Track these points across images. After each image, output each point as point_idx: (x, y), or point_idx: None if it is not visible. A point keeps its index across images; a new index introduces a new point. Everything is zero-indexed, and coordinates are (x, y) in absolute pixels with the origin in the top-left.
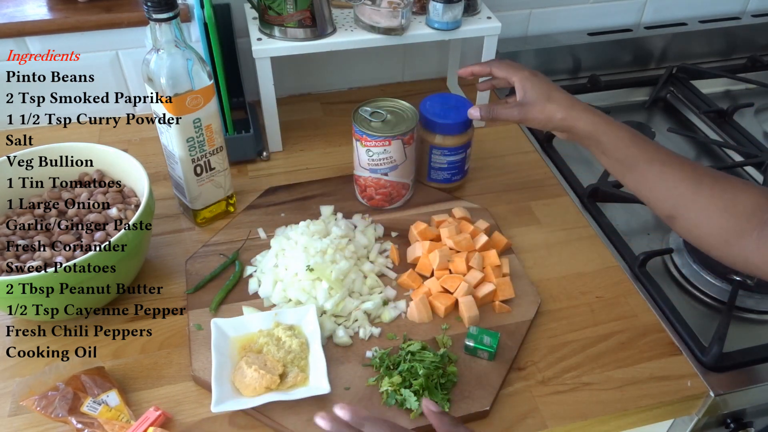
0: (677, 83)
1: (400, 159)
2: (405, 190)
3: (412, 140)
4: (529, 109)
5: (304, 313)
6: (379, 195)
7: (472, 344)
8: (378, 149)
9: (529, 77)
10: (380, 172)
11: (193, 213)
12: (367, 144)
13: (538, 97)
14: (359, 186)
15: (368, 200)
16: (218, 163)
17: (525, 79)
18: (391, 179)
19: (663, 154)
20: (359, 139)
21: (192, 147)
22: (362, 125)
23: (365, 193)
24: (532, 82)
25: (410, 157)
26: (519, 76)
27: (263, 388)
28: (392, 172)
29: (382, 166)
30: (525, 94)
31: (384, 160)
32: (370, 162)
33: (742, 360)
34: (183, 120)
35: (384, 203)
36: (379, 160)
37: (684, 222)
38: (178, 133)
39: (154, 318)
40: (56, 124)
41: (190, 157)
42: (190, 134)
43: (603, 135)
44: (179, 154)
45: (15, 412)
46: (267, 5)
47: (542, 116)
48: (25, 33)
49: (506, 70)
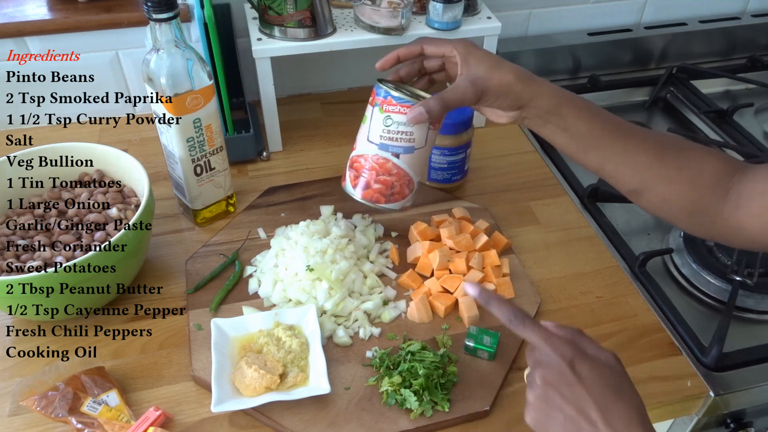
0: (677, 83)
1: (419, 141)
2: (409, 189)
3: (440, 125)
4: (482, 80)
5: (304, 313)
6: (379, 183)
7: (472, 344)
8: (400, 118)
9: (470, 47)
10: (392, 150)
11: (193, 213)
12: (388, 109)
13: (488, 66)
14: (354, 170)
15: (362, 189)
16: (218, 163)
17: (467, 49)
18: (400, 165)
19: (626, 127)
20: (381, 102)
21: (192, 147)
22: (389, 86)
23: (359, 179)
24: (476, 53)
25: (429, 147)
26: (459, 49)
27: (263, 388)
28: (406, 154)
29: (397, 142)
30: (471, 68)
31: (403, 135)
32: (384, 134)
33: (742, 360)
34: (183, 120)
35: (380, 197)
36: (396, 132)
37: (650, 196)
38: (178, 133)
39: (154, 318)
40: (56, 124)
41: (190, 157)
42: (190, 134)
43: (565, 108)
44: (179, 154)
45: (15, 412)
46: (267, 5)
47: (499, 86)
48: (25, 33)
49: (440, 45)
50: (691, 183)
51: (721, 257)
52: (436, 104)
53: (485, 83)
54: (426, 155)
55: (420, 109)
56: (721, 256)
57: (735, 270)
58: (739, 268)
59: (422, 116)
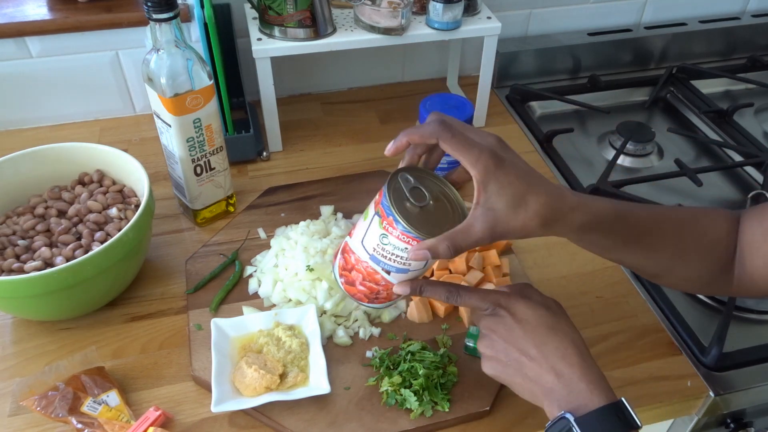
0: (677, 83)
1: (416, 266)
2: (396, 295)
3: None
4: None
5: (304, 313)
6: (364, 287)
7: (472, 344)
8: (399, 243)
9: (493, 170)
10: (383, 266)
11: (193, 213)
12: (388, 228)
13: (510, 204)
14: (344, 260)
15: (347, 284)
16: (218, 163)
17: (488, 173)
18: (390, 280)
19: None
20: (383, 216)
21: (192, 147)
22: (396, 202)
23: (348, 273)
24: (499, 179)
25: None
26: (479, 167)
27: (263, 388)
28: (397, 273)
29: (390, 262)
30: (488, 199)
31: (397, 258)
32: (378, 249)
33: (742, 360)
34: (183, 120)
35: (363, 298)
36: (392, 254)
37: (670, 278)
38: (178, 133)
39: (154, 318)
40: (56, 124)
41: (190, 157)
42: (190, 134)
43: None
44: (179, 154)
45: (15, 412)
46: (267, 5)
47: (519, 233)
48: (25, 33)
49: (461, 151)
50: (707, 257)
51: None
52: (444, 250)
53: (504, 229)
54: (421, 272)
55: (425, 253)
56: None
57: None
58: None
59: (426, 257)
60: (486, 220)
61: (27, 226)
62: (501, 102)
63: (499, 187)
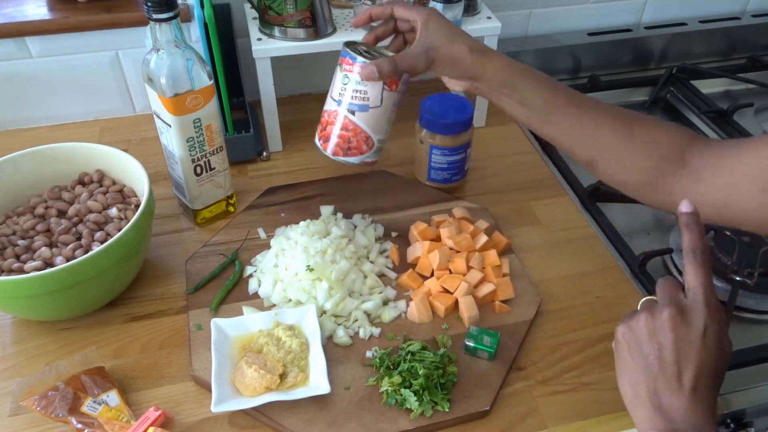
0: (677, 83)
1: (374, 101)
2: (367, 146)
3: (396, 89)
4: (434, 49)
5: (304, 313)
6: (338, 138)
7: (472, 344)
8: (356, 77)
9: (433, 13)
10: (348, 107)
11: (193, 213)
12: (346, 68)
13: (444, 35)
14: (321, 124)
15: (323, 141)
16: (218, 163)
17: (429, 16)
18: (356, 121)
19: (582, 100)
20: (341, 62)
21: (192, 147)
22: (352, 48)
23: (324, 132)
24: (437, 19)
25: (386, 108)
26: (423, 13)
27: (263, 388)
28: (360, 112)
29: (353, 100)
30: (428, 36)
31: (357, 93)
32: (342, 92)
33: (742, 360)
34: (183, 120)
35: (338, 150)
36: (352, 91)
37: (605, 166)
38: (178, 133)
39: (154, 318)
40: (56, 124)
41: (190, 157)
42: (190, 134)
43: (520, 81)
44: (179, 154)
45: (15, 412)
46: (267, 5)
47: (449, 57)
48: (25, 33)
49: (408, 11)
50: (644, 154)
51: (721, 257)
52: (387, 65)
53: (437, 53)
54: (383, 115)
55: (371, 68)
56: (721, 256)
57: (735, 270)
58: (739, 268)
59: (372, 74)
60: (423, 44)
61: (27, 226)
62: None
63: (437, 27)
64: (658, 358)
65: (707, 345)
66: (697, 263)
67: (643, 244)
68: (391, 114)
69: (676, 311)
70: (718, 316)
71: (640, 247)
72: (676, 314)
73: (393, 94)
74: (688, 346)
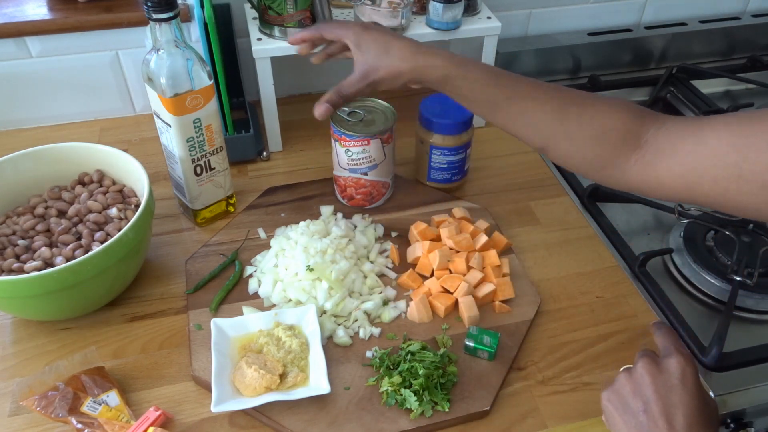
0: (677, 83)
1: (379, 158)
2: (385, 188)
3: (391, 139)
4: (372, 71)
5: (304, 313)
6: (359, 194)
7: (472, 344)
8: (357, 149)
9: (361, 33)
10: (359, 171)
11: (193, 213)
12: (346, 144)
13: (377, 53)
14: (339, 186)
15: (348, 200)
16: (218, 163)
17: (357, 36)
18: (370, 179)
19: (525, 89)
20: (338, 139)
21: (192, 147)
22: (340, 125)
23: (345, 193)
24: (366, 38)
25: (389, 156)
26: (350, 35)
27: (263, 388)
28: (372, 171)
29: (361, 166)
30: (362, 56)
31: (363, 159)
32: (349, 162)
33: (742, 360)
34: (183, 120)
35: (364, 203)
36: (358, 159)
37: (557, 153)
38: (178, 133)
39: (154, 318)
40: (56, 124)
41: (190, 157)
42: (190, 134)
43: (457, 79)
44: (179, 154)
45: (15, 412)
46: (267, 5)
47: (388, 75)
48: (25, 33)
49: (336, 30)
50: (595, 139)
51: (721, 257)
52: (336, 98)
53: (375, 75)
54: (390, 162)
55: (325, 106)
56: (721, 256)
57: (735, 270)
58: (739, 268)
59: (329, 110)
60: (361, 69)
61: (27, 226)
62: None
63: (368, 43)
64: (646, 412)
65: (688, 386)
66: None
67: (643, 244)
68: (394, 155)
69: (650, 361)
70: (693, 362)
71: (640, 247)
72: (650, 364)
73: (390, 145)
74: (670, 392)
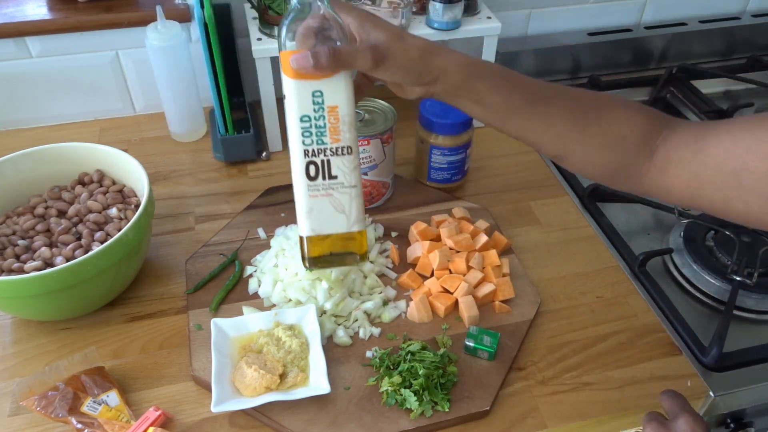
0: (677, 83)
1: (379, 158)
2: (385, 189)
3: (391, 139)
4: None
5: (304, 313)
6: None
7: (472, 344)
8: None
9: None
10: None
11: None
12: None
13: (390, 36)
14: None
15: None
16: (342, 172)
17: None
18: (370, 179)
19: (544, 93)
20: None
21: (306, 131)
22: None
23: None
24: (374, 21)
25: (389, 156)
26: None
27: (263, 388)
28: (371, 171)
29: (361, 166)
30: (369, 35)
31: (363, 159)
32: None
33: (742, 360)
34: (299, 86)
35: (365, 203)
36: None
37: (573, 160)
38: (293, 104)
39: (154, 318)
40: (56, 124)
41: (302, 145)
42: (306, 111)
43: (477, 81)
44: (291, 136)
45: (15, 412)
46: (267, 5)
47: (401, 60)
48: (25, 33)
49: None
50: (612, 146)
51: (721, 257)
52: (325, 57)
53: (387, 50)
54: (390, 162)
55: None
56: (721, 256)
57: (735, 270)
58: (739, 268)
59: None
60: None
61: (27, 226)
62: None
63: (374, 26)
64: None
65: None
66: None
67: (643, 244)
68: (394, 155)
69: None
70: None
71: (640, 247)
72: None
73: (390, 145)
74: None
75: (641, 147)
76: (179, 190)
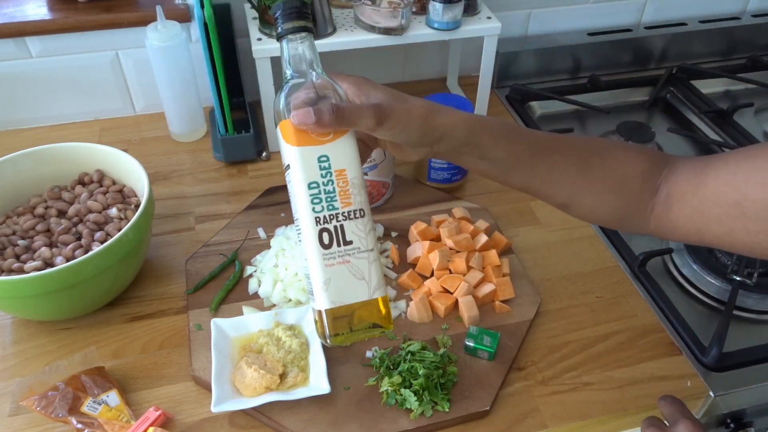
0: (677, 83)
1: (379, 158)
2: (385, 188)
3: None
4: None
5: (304, 313)
6: None
7: (472, 344)
8: None
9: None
10: None
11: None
12: None
13: (392, 97)
14: None
15: None
16: (357, 236)
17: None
18: (370, 179)
19: (548, 144)
20: None
21: (316, 198)
22: None
23: None
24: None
25: (389, 156)
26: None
27: (263, 388)
28: (372, 171)
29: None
30: (369, 98)
31: None
32: None
33: (742, 360)
34: (304, 153)
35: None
36: None
37: (578, 208)
38: (298, 173)
39: (154, 318)
40: (56, 124)
41: (312, 213)
42: (314, 177)
43: (481, 137)
44: (299, 206)
45: (15, 412)
46: (267, 5)
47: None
48: (25, 33)
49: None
50: (616, 190)
51: (721, 257)
52: (328, 114)
53: (391, 110)
54: (390, 162)
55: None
56: (721, 256)
57: (735, 270)
58: (739, 268)
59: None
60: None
61: (27, 226)
62: (501, 102)
63: (373, 88)
64: None
65: None
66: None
67: (643, 244)
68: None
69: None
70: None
71: (640, 247)
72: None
73: None
74: None
75: (644, 187)
76: (179, 190)
